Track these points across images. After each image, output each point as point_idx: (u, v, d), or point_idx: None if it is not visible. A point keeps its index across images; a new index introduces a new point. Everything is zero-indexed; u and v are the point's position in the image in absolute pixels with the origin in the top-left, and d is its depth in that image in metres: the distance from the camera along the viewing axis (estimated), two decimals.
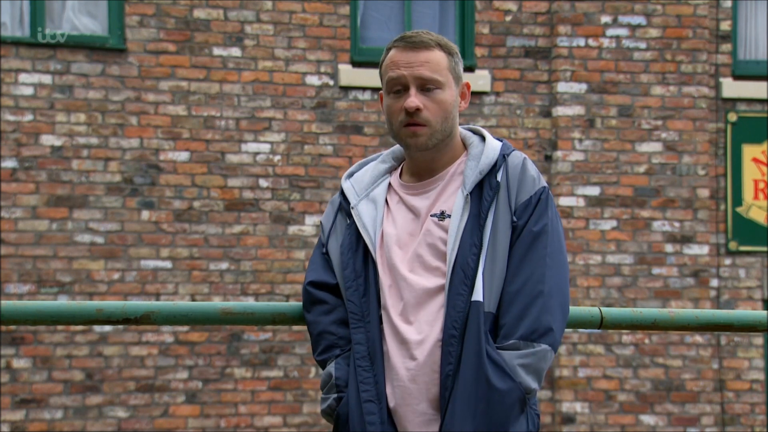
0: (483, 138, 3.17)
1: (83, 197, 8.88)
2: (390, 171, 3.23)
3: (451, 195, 3.09)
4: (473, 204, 3.04)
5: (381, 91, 3.17)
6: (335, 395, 3.10)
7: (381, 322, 3.07)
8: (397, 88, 3.09)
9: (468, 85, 3.17)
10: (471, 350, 2.95)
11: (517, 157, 3.10)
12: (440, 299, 3.03)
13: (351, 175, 3.24)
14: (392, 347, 3.04)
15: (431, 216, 3.08)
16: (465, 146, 3.17)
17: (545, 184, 3.09)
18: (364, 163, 3.27)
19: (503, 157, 3.09)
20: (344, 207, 3.18)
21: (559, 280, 3.02)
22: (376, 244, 3.10)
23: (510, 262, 3.02)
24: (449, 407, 2.96)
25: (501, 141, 3.15)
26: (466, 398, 2.94)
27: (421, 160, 3.13)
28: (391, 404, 3.03)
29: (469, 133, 3.20)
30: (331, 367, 3.12)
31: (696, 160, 9.68)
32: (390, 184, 3.19)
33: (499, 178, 3.06)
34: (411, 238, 3.09)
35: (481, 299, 2.97)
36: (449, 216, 3.06)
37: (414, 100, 3.05)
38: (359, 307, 3.08)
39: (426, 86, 3.06)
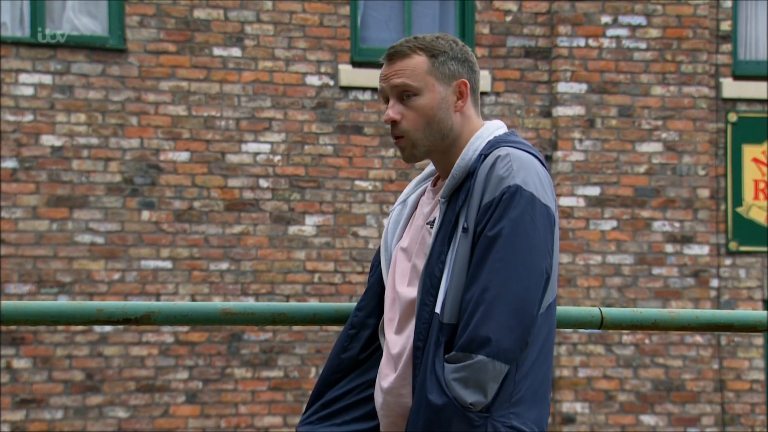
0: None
1: (83, 197, 8.88)
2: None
3: None
4: (449, 210, 2.93)
5: None
6: None
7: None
8: (384, 101, 3.05)
9: (465, 83, 3.03)
10: (423, 365, 2.87)
11: (492, 156, 2.91)
12: None
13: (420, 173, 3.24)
14: (383, 361, 3.01)
15: (426, 224, 3.01)
16: None
17: (515, 182, 2.85)
18: None
19: (481, 157, 2.93)
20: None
21: (510, 285, 2.82)
22: (390, 252, 3.09)
23: (469, 270, 2.88)
24: (409, 421, 2.90)
25: (493, 137, 3.00)
26: (414, 413, 2.87)
27: (441, 163, 3.05)
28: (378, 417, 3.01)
29: (486, 132, 3.05)
30: None
31: (696, 160, 9.69)
32: (426, 187, 3.13)
33: (473, 180, 2.91)
34: (417, 246, 3.04)
35: (438, 311, 2.87)
36: None
37: (389, 113, 2.99)
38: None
39: (402, 95, 2.99)
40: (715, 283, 9.82)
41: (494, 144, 2.95)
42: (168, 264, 9.00)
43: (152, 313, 3.27)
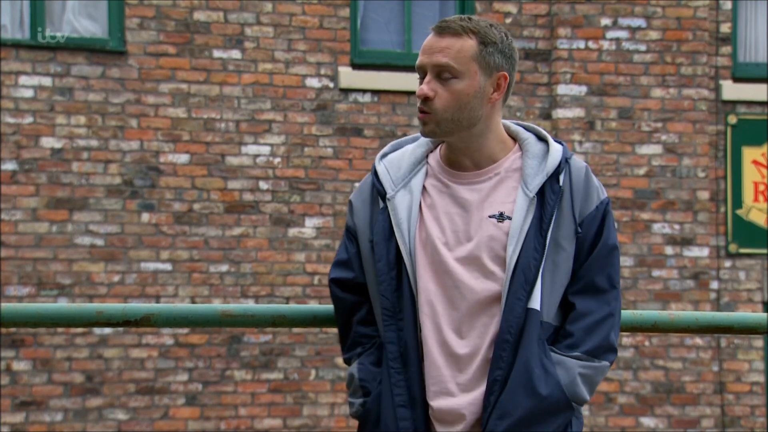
0: (539, 136, 3.05)
1: (83, 199, 8.88)
2: (427, 155, 3.10)
3: (508, 193, 2.96)
4: (537, 207, 2.93)
5: None
6: (361, 400, 3.02)
7: (415, 319, 2.95)
8: (421, 74, 2.98)
9: (505, 77, 3.01)
10: (524, 359, 2.87)
11: (579, 162, 3.02)
12: (493, 308, 2.92)
13: (384, 156, 3.11)
14: (438, 358, 2.94)
15: (489, 217, 2.95)
16: (515, 141, 3.05)
17: (607, 194, 3.03)
18: (399, 145, 3.13)
19: (566, 160, 2.98)
20: (378, 189, 3.04)
21: (620, 298, 3.03)
22: (413, 241, 2.97)
23: (582, 274, 2.96)
24: (495, 411, 2.87)
25: (560, 143, 3.04)
26: (514, 405, 2.86)
27: (458, 148, 3.01)
28: (434, 412, 2.94)
29: (521, 129, 3.07)
30: (353, 368, 3.04)
31: (696, 162, 9.69)
32: (428, 169, 3.06)
33: (561, 182, 2.95)
34: (459, 237, 2.96)
35: (537, 308, 2.89)
36: (509, 218, 2.93)
37: (423, 87, 2.95)
38: (392, 302, 2.96)
39: (442, 74, 2.95)
40: (714, 285, 9.82)
41: (566, 148, 3.05)
42: (168, 266, 9.00)
43: (152, 315, 3.27)
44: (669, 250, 9.62)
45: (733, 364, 9.82)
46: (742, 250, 9.88)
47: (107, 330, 8.80)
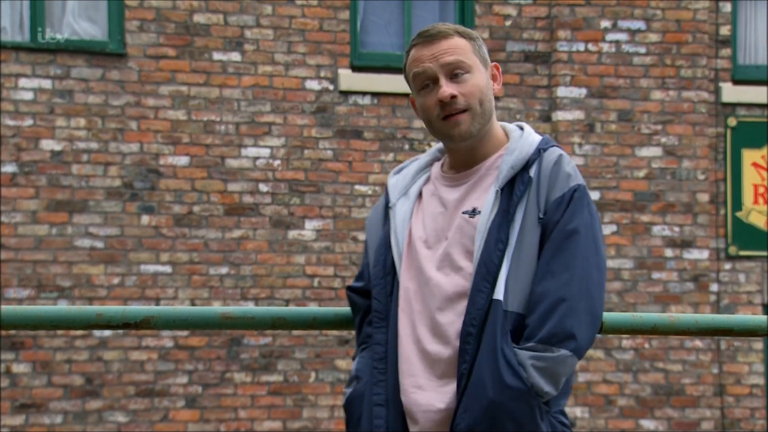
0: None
1: (83, 202, 8.88)
2: (433, 162, 3.16)
3: (484, 191, 2.99)
4: (503, 200, 2.94)
5: (411, 96, 3.09)
6: (351, 389, 3.09)
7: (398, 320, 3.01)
8: (426, 83, 3.00)
9: (497, 67, 3.08)
10: (487, 349, 2.86)
11: (553, 152, 2.98)
12: (463, 304, 2.93)
13: (400, 171, 3.18)
14: (411, 353, 2.98)
15: (462, 213, 2.99)
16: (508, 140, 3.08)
17: (581, 182, 2.96)
18: (413, 160, 3.21)
19: (539, 151, 2.98)
20: (386, 200, 3.13)
21: (588, 283, 2.89)
22: (402, 246, 3.04)
23: (540, 262, 2.91)
24: (461, 405, 2.88)
25: (542, 136, 3.04)
26: (478, 397, 2.85)
27: (461, 151, 3.04)
28: (407, 407, 2.97)
29: (513, 127, 3.10)
30: (355, 362, 3.11)
31: (696, 164, 9.69)
32: (430, 175, 3.12)
33: (532, 173, 2.94)
34: (439, 236, 3.01)
35: (501, 298, 2.88)
36: (480, 213, 2.96)
37: (446, 89, 2.96)
38: (384, 306, 3.02)
39: (455, 72, 2.98)
40: (714, 287, 9.81)
41: (548, 141, 3.03)
42: (168, 268, 9.00)
43: (152, 317, 3.27)
44: (669, 252, 9.61)
45: (733, 366, 9.82)
46: (742, 253, 9.88)
47: (107, 332, 8.80)
